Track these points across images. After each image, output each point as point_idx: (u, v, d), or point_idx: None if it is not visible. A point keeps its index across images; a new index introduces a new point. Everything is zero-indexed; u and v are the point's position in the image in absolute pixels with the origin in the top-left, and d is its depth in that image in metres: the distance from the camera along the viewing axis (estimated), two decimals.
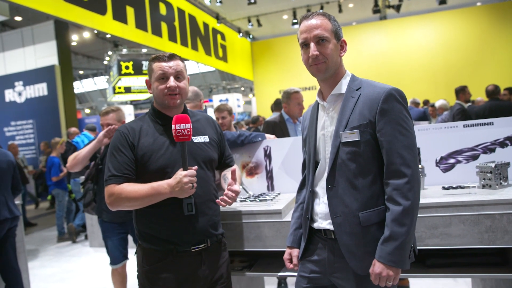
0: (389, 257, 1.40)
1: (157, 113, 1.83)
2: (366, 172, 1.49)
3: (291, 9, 14.06)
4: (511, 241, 1.83)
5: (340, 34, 1.57)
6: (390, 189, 1.43)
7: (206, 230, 1.80)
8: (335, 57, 1.55)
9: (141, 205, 1.69)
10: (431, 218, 1.92)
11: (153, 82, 1.77)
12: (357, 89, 1.54)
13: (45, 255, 5.73)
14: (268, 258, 2.40)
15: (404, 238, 1.39)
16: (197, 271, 1.77)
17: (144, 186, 1.66)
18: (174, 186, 1.62)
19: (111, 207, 1.72)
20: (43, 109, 10.12)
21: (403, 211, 1.39)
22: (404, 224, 1.39)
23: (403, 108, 1.47)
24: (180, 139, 1.65)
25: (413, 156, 1.44)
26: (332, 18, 1.56)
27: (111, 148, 1.75)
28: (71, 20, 6.76)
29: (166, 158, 1.73)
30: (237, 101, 16.03)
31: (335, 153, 1.52)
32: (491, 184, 2.09)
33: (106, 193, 1.71)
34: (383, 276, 1.41)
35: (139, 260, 1.81)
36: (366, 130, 1.47)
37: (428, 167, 2.37)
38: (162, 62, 1.75)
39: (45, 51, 10.47)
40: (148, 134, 1.76)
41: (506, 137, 2.29)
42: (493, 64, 13.77)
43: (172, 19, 10.18)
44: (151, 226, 1.75)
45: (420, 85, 14.19)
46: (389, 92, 1.46)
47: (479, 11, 14.36)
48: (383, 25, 15.47)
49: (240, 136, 2.70)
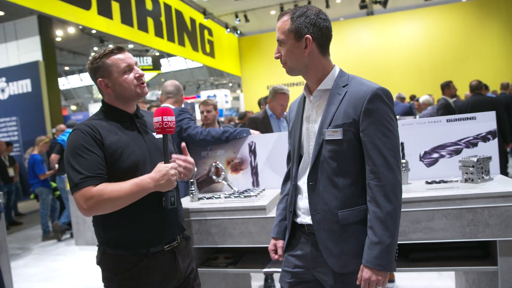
0: (376, 261, 1.39)
1: (116, 111, 1.73)
2: (347, 171, 1.47)
3: (278, 4, 14.03)
4: (492, 234, 1.86)
5: (302, 32, 1.47)
6: (372, 191, 1.42)
7: (179, 224, 1.79)
8: (295, 58, 1.51)
9: (124, 205, 1.59)
10: (415, 212, 1.93)
11: (116, 77, 1.67)
12: (344, 86, 1.50)
13: (29, 254, 5.64)
14: (253, 254, 2.39)
15: (390, 241, 1.38)
16: (173, 269, 1.74)
17: (126, 184, 1.57)
18: (158, 179, 1.57)
19: (88, 213, 1.56)
20: (27, 106, 9.93)
21: (387, 214, 1.38)
22: (389, 227, 1.38)
23: (388, 109, 1.44)
24: (166, 131, 1.61)
25: (395, 158, 1.42)
26: (296, 15, 1.48)
27: (72, 148, 1.59)
28: (55, 15, 6.63)
29: (136, 155, 1.68)
30: (225, 97, 15.97)
31: (318, 150, 1.51)
32: (473, 178, 2.11)
33: (81, 197, 1.53)
34: (373, 281, 1.40)
35: (106, 270, 1.68)
36: (350, 129, 1.45)
37: (412, 162, 2.38)
38: (119, 54, 1.68)
39: (29, 47, 10.27)
40: (111, 131, 1.67)
41: (488, 132, 2.32)
42: (478, 60, 13.96)
43: (159, 15, 10.07)
44: (122, 230, 1.65)
45: (406, 80, 14.33)
46: (375, 92, 1.43)
47: (464, 7, 14.52)
48: (370, 20, 15.56)
49: (225, 132, 2.68)
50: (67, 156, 1.60)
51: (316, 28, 1.47)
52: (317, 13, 1.49)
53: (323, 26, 1.49)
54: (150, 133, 1.79)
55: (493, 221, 1.85)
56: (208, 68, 21.49)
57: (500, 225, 1.84)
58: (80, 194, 1.54)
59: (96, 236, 1.73)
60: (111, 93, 1.70)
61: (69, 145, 1.61)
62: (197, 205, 2.26)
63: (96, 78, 1.69)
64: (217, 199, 2.35)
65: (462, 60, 14.07)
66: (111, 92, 1.70)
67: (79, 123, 1.69)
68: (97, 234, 1.71)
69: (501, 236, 1.85)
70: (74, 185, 1.55)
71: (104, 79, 1.68)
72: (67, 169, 1.59)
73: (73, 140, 1.61)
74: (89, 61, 1.70)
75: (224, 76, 21.44)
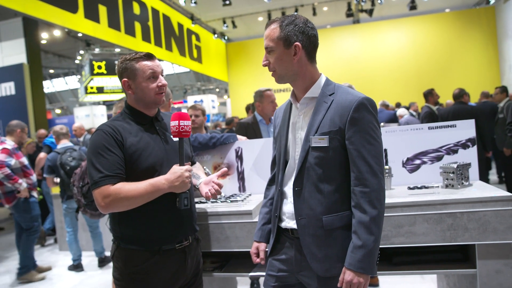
0: (359, 264, 1.43)
1: (137, 113, 1.80)
2: (332, 177, 1.51)
3: (266, 11, 14.15)
4: (471, 238, 1.92)
5: (292, 40, 1.51)
6: (357, 197, 1.46)
7: (192, 226, 1.86)
8: (284, 65, 1.55)
9: (139, 204, 1.67)
10: (397, 217, 1.98)
11: (140, 82, 1.73)
12: (330, 95, 1.54)
13: (12, 260, 5.54)
14: (239, 259, 2.41)
15: (372, 245, 1.43)
16: (182, 268, 1.80)
17: (142, 184, 1.64)
18: (173, 181, 1.63)
19: (106, 209, 1.64)
20: (11, 109, 9.77)
21: (370, 220, 1.43)
22: (373, 232, 1.42)
23: (373, 118, 1.49)
24: (182, 135, 1.67)
25: (379, 165, 1.47)
26: (285, 23, 1.52)
27: (95, 148, 1.67)
28: (41, 18, 6.59)
29: (155, 157, 1.74)
30: (212, 102, 15.97)
31: (304, 157, 1.55)
32: (454, 184, 2.18)
33: (100, 195, 1.62)
34: (354, 283, 1.44)
35: (119, 263, 1.76)
36: (336, 137, 1.49)
37: (395, 168, 2.44)
38: (147, 61, 1.74)
39: (13, 49, 10.12)
40: (132, 133, 1.74)
41: (467, 139, 2.39)
42: (461, 68, 14.29)
43: (146, 19, 10.06)
44: (137, 227, 1.72)
45: (392, 87, 14.56)
46: (361, 102, 1.47)
47: (447, 17, 14.87)
48: (356, 28, 15.79)
49: (212, 138, 2.70)
50: (89, 155, 1.68)
51: (305, 36, 1.52)
52: (305, 22, 1.54)
53: (311, 34, 1.54)
54: (169, 136, 1.85)
55: (472, 226, 1.91)
56: (195, 73, 21.46)
57: (479, 229, 1.91)
58: (99, 191, 1.62)
59: (112, 230, 1.81)
60: (132, 95, 1.78)
61: (92, 145, 1.69)
62: None
63: (122, 78, 1.76)
64: (203, 204, 2.37)
65: (446, 69, 14.38)
66: (132, 94, 1.77)
67: (102, 123, 1.76)
68: (113, 228, 1.80)
69: (479, 240, 1.91)
70: (94, 182, 1.63)
71: (128, 80, 1.75)
72: (89, 167, 1.67)
73: (95, 140, 1.69)
74: (120, 60, 1.78)
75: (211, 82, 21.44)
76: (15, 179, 4.22)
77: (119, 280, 1.76)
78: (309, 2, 13.47)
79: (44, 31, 13.68)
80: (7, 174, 4.17)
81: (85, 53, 13.80)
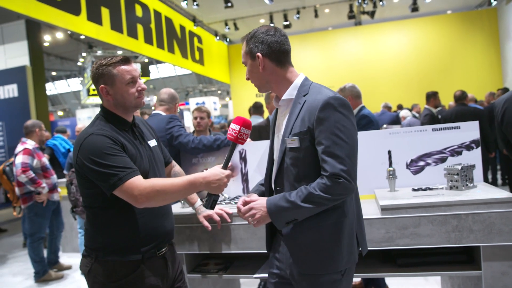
0: (273, 205, 1.51)
1: (118, 119, 1.73)
2: (307, 177, 1.52)
3: (268, 13, 14.14)
4: (476, 240, 1.92)
5: (253, 51, 1.57)
6: (314, 182, 1.47)
7: (171, 232, 1.86)
8: (255, 76, 1.62)
9: (173, 200, 1.65)
10: (402, 219, 1.98)
11: (119, 87, 1.67)
12: (305, 95, 1.56)
13: (15, 261, 5.55)
14: (243, 260, 2.41)
15: (293, 210, 1.47)
16: (165, 274, 1.78)
17: (179, 180, 1.61)
18: (212, 181, 1.61)
19: (143, 202, 1.55)
20: (14, 111, 9.80)
21: (309, 194, 1.44)
22: (304, 204, 1.45)
23: (342, 116, 1.46)
24: (237, 141, 1.65)
25: (345, 165, 1.42)
26: (249, 37, 1.60)
27: (98, 150, 1.56)
28: (44, 20, 6.59)
29: (146, 163, 1.73)
30: (214, 104, 15.99)
31: (281, 157, 1.58)
32: (458, 186, 2.18)
33: (131, 188, 1.52)
34: (254, 211, 1.54)
35: (100, 277, 1.65)
36: (306, 137, 1.50)
37: (399, 170, 2.44)
38: (125, 65, 1.68)
39: (16, 51, 10.15)
40: (119, 140, 1.66)
41: (471, 141, 2.39)
42: (462, 70, 14.25)
43: (148, 21, 10.08)
44: (120, 236, 1.67)
45: (394, 89, 14.53)
46: (327, 101, 1.46)
47: (449, 19, 14.85)
48: (358, 30, 15.78)
49: (216, 140, 2.71)
50: (93, 160, 1.55)
51: (264, 45, 1.56)
52: (265, 32, 1.58)
53: (272, 41, 1.56)
54: (147, 143, 1.83)
55: (476, 227, 1.91)
56: (197, 75, 21.50)
57: (484, 231, 1.90)
58: (128, 186, 1.54)
59: (89, 242, 1.71)
60: (111, 101, 1.71)
61: (90, 149, 1.57)
62: (188, 211, 2.28)
63: (99, 84, 1.69)
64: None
65: (448, 70, 14.35)
66: (110, 100, 1.71)
67: (87, 131, 1.65)
68: (92, 239, 1.70)
69: (484, 242, 1.91)
70: (118, 179, 1.53)
71: (106, 86, 1.68)
72: (98, 172, 1.55)
73: (94, 142, 1.59)
74: (95, 66, 1.70)
75: (213, 84, 21.48)
76: (38, 183, 4.25)
77: None
78: (310, 4, 13.46)
79: (46, 33, 13.74)
80: (31, 178, 4.21)
81: (87, 55, 13.84)
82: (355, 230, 1.59)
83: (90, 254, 1.70)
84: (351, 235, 1.56)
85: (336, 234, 1.52)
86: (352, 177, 1.44)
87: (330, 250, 1.52)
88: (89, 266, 1.68)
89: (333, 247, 1.52)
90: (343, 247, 1.52)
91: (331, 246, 1.52)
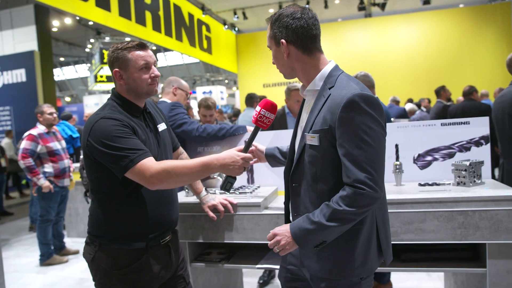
0: (298, 230, 1.40)
1: (129, 104, 1.72)
2: (325, 178, 1.42)
3: (277, 2, 14.02)
4: (482, 237, 1.89)
5: (278, 37, 1.46)
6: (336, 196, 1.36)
7: (176, 221, 1.87)
8: (280, 63, 1.51)
9: (186, 182, 1.66)
10: (407, 213, 1.96)
11: (132, 72, 1.67)
12: (330, 88, 1.41)
13: (20, 244, 5.62)
14: (246, 250, 2.41)
15: (319, 231, 1.35)
16: (168, 262, 1.79)
17: (192, 161, 1.59)
18: (227, 163, 1.59)
19: (156, 184, 1.54)
20: (21, 96, 9.85)
21: (333, 211, 1.33)
22: (331, 224, 1.33)
23: (368, 116, 1.31)
24: (258, 124, 1.63)
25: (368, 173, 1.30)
26: (273, 20, 1.48)
27: (108, 133, 1.55)
28: (52, 5, 6.58)
29: (155, 149, 1.73)
30: (221, 93, 15.98)
31: (300, 154, 1.48)
32: (465, 182, 2.15)
33: (143, 170, 1.51)
34: (278, 238, 1.44)
35: (104, 265, 1.66)
36: (326, 136, 1.37)
37: (406, 164, 2.41)
38: (140, 51, 1.68)
39: (24, 36, 10.17)
40: (130, 124, 1.66)
41: (481, 137, 2.35)
42: (473, 65, 14.07)
43: (157, 9, 10.02)
44: (126, 223, 1.66)
45: (403, 83, 14.40)
46: (351, 99, 1.31)
47: (461, 12, 14.61)
48: (368, 22, 15.60)
49: (221, 129, 2.69)
50: (104, 143, 1.55)
51: (289, 30, 1.43)
52: (291, 14, 1.44)
53: (297, 26, 1.42)
54: (157, 127, 1.83)
55: (483, 224, 1.89)
56: (204, 64, 21.45)
57: (490, 228, 1.88)
58: (140, 167, 1.53)
59: (93, 228, 1.71)
60: (123, 85, 1.71)
61: (101, 132, 1.56)
62: (192, 200, 2.28)
63: (113, 67, 1.69)
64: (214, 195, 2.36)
65: (458, 65, 14.17)
66: (123, 84, 1.71)
67: (98, 114, 1.64)
68: (96, 226, 1.70)
69: (490, 239, 1.89)
70: (130, 161, 1.52)
71: (120, 71, 1.68)
72: (109, 154, 1.55)
73: (103, 126, 1.57)
74: (111, 49, 1.70)
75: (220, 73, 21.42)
76: (35, 172, 4.27)
77: (105, 284, 1.68)
78: None
79: (55, 18, 13.73)
80: (28, 165, 4.24)
81: (95, 42, 13.82)
82: (375, 238, 1.46)
83: (93, 241, 1.70)
84: (368, 244, 1.44)
85: (350, 242, 1.42)
86: (378, 185, 1.31)
87: (342, 258, 1.43)
88: (92, 254, 1.69)
89: (345, 255, 1.42)
90: (356, 256, 1.41)
91: (344, 253, 1.42)
